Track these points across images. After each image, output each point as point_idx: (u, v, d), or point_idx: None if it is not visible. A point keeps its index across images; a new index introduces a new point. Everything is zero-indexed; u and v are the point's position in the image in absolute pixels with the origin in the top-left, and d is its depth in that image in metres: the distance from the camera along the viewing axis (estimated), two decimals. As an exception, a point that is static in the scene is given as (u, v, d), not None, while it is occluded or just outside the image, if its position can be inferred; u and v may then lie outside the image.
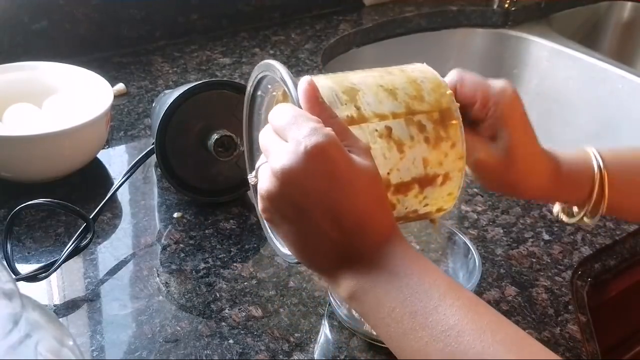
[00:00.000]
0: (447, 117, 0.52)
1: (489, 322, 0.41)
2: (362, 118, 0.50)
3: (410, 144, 0.50)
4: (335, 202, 0.43)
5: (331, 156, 0.43)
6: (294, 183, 0.43)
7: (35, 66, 0.86)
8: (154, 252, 0.71)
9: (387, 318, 0.43)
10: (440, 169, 0.52)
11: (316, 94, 0.46)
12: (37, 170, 0.77)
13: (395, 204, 0.51)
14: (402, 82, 0.53)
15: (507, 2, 1.39)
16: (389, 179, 0.50)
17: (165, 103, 0.75)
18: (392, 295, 0.43)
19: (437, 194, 0.53)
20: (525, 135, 0.57)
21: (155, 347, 0.60)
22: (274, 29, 1.26)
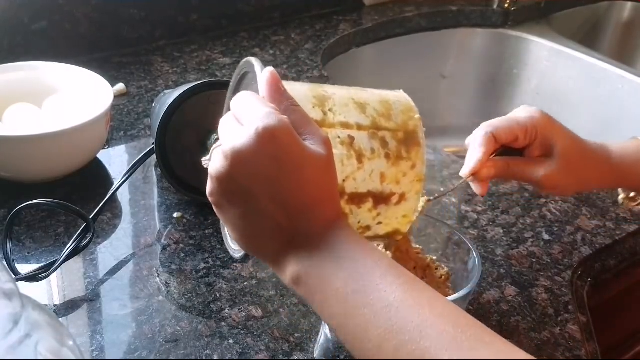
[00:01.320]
0: (412, 139, 0.53)
1: (428, 298, 0.43)
2: (326, 123, 0.50)
3: (370, 156, 0.51)
4: (282, 186, 0.44)
5: (282, 140, 0.44)
6: (243, 163, 0.44)
7: (35, 66, 0.86)
8: (154, 252, 0.71)
9: (331, 299, 0.44)
10: (397, 187, 0.53)
11: (277, 83, 0.47)
12: (37, 170, 0.77)
13: (348, 214, 0.52)
14: (374, 100, 0.54)
15: (507, 2, 1.39)
16: (344, 186, 0.51)
17: (165, 103, 0.75)
18: (335, 276, 0.44)
19: (392, 213, 0.54)
20: (569, 141, 0.65)
21: (155, 347, 0.60)
22: (274, 29, 1.26)
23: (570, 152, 0.65)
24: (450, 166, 0.91)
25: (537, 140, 0.64)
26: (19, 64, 0.85)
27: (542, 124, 0.64)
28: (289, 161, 0.44)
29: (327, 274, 0.44)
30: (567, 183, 0.66)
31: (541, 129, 0.64)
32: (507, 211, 0.82)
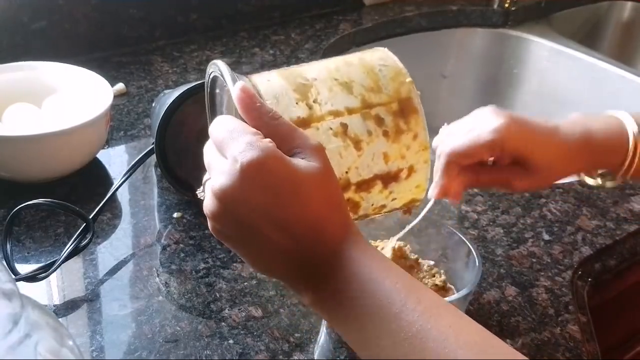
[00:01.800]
0: (407, 107, 0.50)
1: (451, 324, 0.40)
2: (314, 117, 0.48)
3: (368, 139, 0.49)
4: (281, 212, 0.42)
5: (270, 169, 0.42)
6: (236, 201, 0.43)
7: (35, 66, 0.86)
8: (154, 252, 0.71)
9: (349, 325, 0.43)
10: (403, 162, 0.50)
11: (253, 100, 0.44)
12: (37, 170, 0.77)
13: (359, 202, 0.50)
14: (359, 73, 0.50)
15: (507, 2, 1.39)
16: (348, 177, 0.49)
17: (165, 103, 0.75)
18: (352, 304, 0.42)
19: (404, 187, 0.51)
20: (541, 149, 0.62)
21: (155, 347, 0.60)
22: (273, 28, 1.26)
23: (545, 159, 0.62)
24: (451, 166, 0.91)
25: (505, 154, 0.62)
26: (19, 63, 0.85)
27: (509, 138, 0.61)
28: (282, 187, 0.42)
29: (343, 301, 0.43)
30: (543, 181, 0.65)
31: (508, 144, 0.61)
32: (507, 211, 0.82)
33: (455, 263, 0.65)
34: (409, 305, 0.41)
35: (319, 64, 0.52)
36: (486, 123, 0.61)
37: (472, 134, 0.61)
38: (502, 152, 0.61)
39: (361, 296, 0.42)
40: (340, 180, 0.48)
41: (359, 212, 0.52)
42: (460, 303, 0.61)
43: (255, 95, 0.45)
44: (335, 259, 0.43)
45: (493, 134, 0.60)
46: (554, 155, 0.63)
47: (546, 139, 0.63)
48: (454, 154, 0.61)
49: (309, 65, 0.52)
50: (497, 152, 0.61)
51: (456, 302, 0.59)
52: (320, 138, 0.47)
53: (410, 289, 0.42)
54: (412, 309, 0.40)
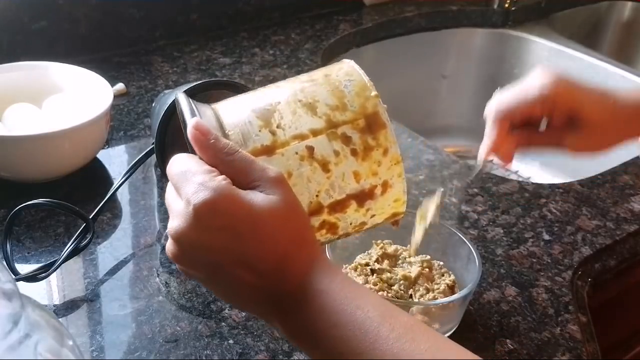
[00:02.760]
0: (375, 122, 0.48)
1: (427, 348, 0.40)
2: (279, 143, 0.47)
3: (336, 160, 0.48)
4: (241, 250, 0.42)
5: (223, 209, 0.41)
6: (193, 243, 0.43)
7: (35, 66, 0.86)
8: (154, 252, 0.71)
9: (326, 355, 0.42)
10: (376, 179, 0.49)
11: (207, 137, 0.44)
12: (37, 170, 0.77)
13: (336, 222, 0.49)
14: (324, 92, 0.49)
15: (507, 2, 1.39)
16: (319, 201, 0.48)
17: (165, 103, 0.75)
18: (325, 335, 0.42)
19: (381, 203, 0.50)
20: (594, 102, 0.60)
21: (155, 348, 0.60)
22: (273, 28, 1.26)
23: (598, 116, 0.61)
24: (450, 166, 0.91)
25: (557, 111, 0.60)
26: (19, 63, 0.85)
27: (559, 93, 0.60)
28: (238, 226, 0.42)
29: (316, 334, 0.42)
30: (599, 144, 0.63)
31: (559, 99, 0.60)
32: (507, 211, 0.82)
33: (455, 263, 0.65)
34: (383, 334, 0.40)
35: (286, 83, 0.51)
36: (535, 81, 0.61)
37: (521, 91, 0.61)
38: (553, 107, 0.60)
39: (333, 328, 0.41)
40: (311, 204, 0.48)
41: (339, 232, 0.51)
42: (460, 303, 0.61)
43: (209, 132, 0.44)
44: (303, 293, 0.43)
45: (542, 89, 0.60)
46: (609, 114, 0.61)
47: (600, 97, 0.62)
48: (502, 110, 0.60)
49: (276, 86, 0.52)
50: (548, 108, 0.60)
51: (456, 302, 0.59)
52: (286, 164, 0.47)
53: (383, 316, 0.41)
54: (385, 336, 0.40)
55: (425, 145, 0.96)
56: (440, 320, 0.60)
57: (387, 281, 0.62)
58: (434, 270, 0.65)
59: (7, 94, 0.82)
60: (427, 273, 0.63)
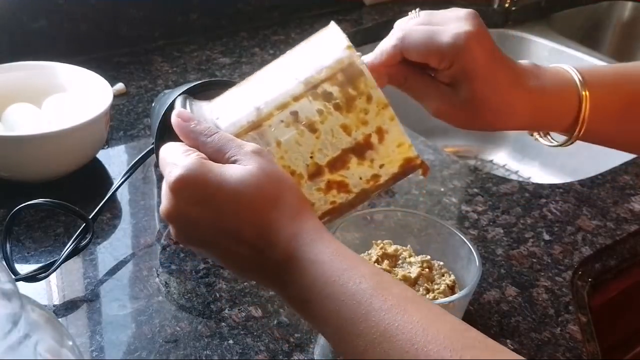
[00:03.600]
0: (352, 72, 0.48)
1: (420, 319, 0.40)
2: (263, 117, 0.49)
3: (321, 118, 0.48)
4: (224, 222, 0.43)
5: (194, 184, 0.43)
6: (179, 221, 0.45)
7: (34, 66, 0.86)
8: (154, 252, 0.71)
9: (323, 327, 0.43)
10: (367, 127, 0.49)
11: (188, 123, 0.47)
12: (36, 170, 0.77)
13: (344, 180, 0.50)
14: (303, 58, 0.51)
15: (507, 2, 1.39)
16: (316, 161, 0.49)
17: (164, 103, 0.75)
18: (320, 307, 0.42)
19: (384, 151, 0.50)
20: (488, 85, 0.53)
21: (155, 348, 0.60)
22: (273, 28, 1.26)
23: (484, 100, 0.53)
24: (450, 166, 0.91)
25: (450, 71, 0.53)
26: (19, 63, 0.85)
27: (464, 59, 0.52)
28: (212, 199, 0.43)
29: (312, 305, 0.43)
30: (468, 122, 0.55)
31: (460, 64, 0.52)
32: (508, 211, 0.82)
33: (455, 263, 0.65)
34: (376, 305, 0.40)
35: (274, 62, 0.53)
36: (454, 23, 0.53)
37: (434, 29, 0.53)
38: (450, 64, 0.52)
39: (326, 299, 0.42)
40: (308, 167, 0.49)
41: (352, 189, 0.51)
42: (460, 303, 0.61)
43: (190, 119, 0.48)
44: (295, 263, 0.43)
45: (453, 38, 0.51)
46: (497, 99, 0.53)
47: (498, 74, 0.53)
48: (404, 40, 0.53)
49: (265, 68, 0.53)
50: (445, 64, 0.52)
51: (456, 302, 0.59)
52: (274, 134, 0.48)
53: (375, 287, 0.41)
54: (378, 307, 0.40)
55: (425, 145, 0.96)
56: (441, 320, 0.60)
57: None
58: (434, 270, 0.64)
59: (7, 94, 0.82)
60: (427, 273, 0.63)
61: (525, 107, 0.55)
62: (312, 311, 0.43)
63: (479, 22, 0.53)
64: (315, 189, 0.50)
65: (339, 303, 0.41)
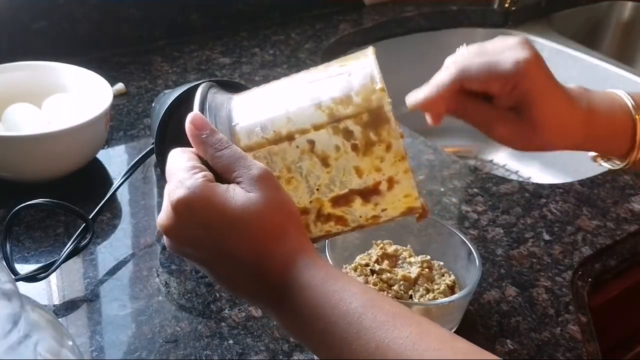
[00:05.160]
0: (378, 117, 0.47)
1: (409, 334, 0.40)
2: (280, 137, 0.48)
3: (336, 155, 0.48)
4: (222, 245, 0.44)
5: (197, 207, 0.43)
6: (178, 238, 0.46)
7: (35, 66, 0.86)
8: (154, 252, 0.71)
9: (316, 349, 0.44)
10: (379, 175, 0.48)
11: (200, 132, 0.46)
12: (36, 170, 0.77)
13: (343, 215, 0.50)
14: (332, 84, 0.49)
15: (507, 2, 1.39)
16: (319, 197, 0.48)
17: (164, 103, 0.75)
18: (313, 329, 0.43)
19: (390, 199, 0.50)
20: (549, 106, 0.55)
21: (155, 348, 0.60)
22: (273, 28, 1.26)
23: (546, 121, 0.55)
24: (451, 166, 0.91)
25: (512, 95, 0.54)
26: (19, 63, 0.85)
27: (526, 82, 0.54)
28: (213, 224, 0.44)
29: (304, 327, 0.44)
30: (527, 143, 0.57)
31: (522, 87, 0.54)
32: (508, 211, 0.82)
33: (455, 263, 0.65)
34: (365, 324, 0.41)
35: (302, 74, 0.52)
36: (510, 51, 0.55)
37: (491, 59, 0.55)
38: (513, 88, 0.54)
39: (318, 321, 0.42)
40: (311, 197, 0.49)
41: (350, 224, 0.51)
42: (460, 303, 0.61)
43: (204, 127, 0.47)
44: (288, 288, 0.44)
45: (514, 65, 0.54)
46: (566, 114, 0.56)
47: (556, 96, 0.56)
48: (463, 72, 0.55)
49: (291, 78, 0.52)
50: (509, 88, 0.54)
51: (456, 302, 0.59)
52: (287, 158, 0.48)
53: (365, 306, 0.42)
54: (368, 326, 0.41)
55: (425, 145, 0.96)
56: (440, 320, 0.60)
57: (387, 281, 0.62)
58: (434, 270, 0.64)
59: (7, 94, 0.82)
60: (427, 273, 0.63)
61: (579, 127, 0.57)
62: (306, 334, 0.44)
63: (533, 47, 0.55)
64: (313, 219, 0.50)
65: (331, 324, 0.42)
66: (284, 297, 0.44)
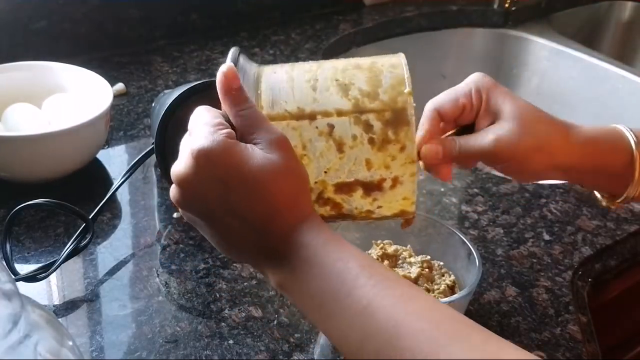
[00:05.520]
0: (400, 117, 0.49)
1: (401, 294, 0.42)
2: (303, 115, 0.49)
3: (352, 144, 0.49)
4: (234, 202, 0.44)
5: (218, 161, 0.44)
6: (191, 188, 0.46)
7: (35, 66, 0.86)
8: (154, 252, 0.71)
9: (309, 305, 0.45)
10: (387, 172, 0.50)
11: (230, 86, 0.47)
12: (36, 170, 0.77)
13: (341, 203, 0.51)
14: (362, 77, 0.51)
15: (507, 2, 1.39)
16: (326, 177, 0.50)
17: (164, 103, 0.75)
18: (309, 285, 0.44)
19: (389, 197, 0.51)
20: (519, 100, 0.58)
21: (155, 348, 0.60)
22: (273, 28, 1.26)
23: (523, 112, 0.57)
24: (451, 166, 0.91)
25: (483, 105, 0.58)
26: (19, 63, 0.85)
27: (485, 85, 0.59)
28: (230, 180, 0.44)
29: (301, 283, 0.45)
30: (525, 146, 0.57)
31: (485, 91, 0.58)
32: (508, 211, 0.82)
33: (455, 263, 0.65)
34: (360, 282, 0.42)
35: (334, 62, 0.53)
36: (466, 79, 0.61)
37: (451, 89, 0.60)
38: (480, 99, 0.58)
39: (315, 278, 0.44)
40: (317, 178, 0.50)
41: (343, 212, 0.52)
42: (461, 303, 0.61)
43: (234, 80, 0.47)
44: (288, 247, 0.45)
45: (469, 83, 0.59)
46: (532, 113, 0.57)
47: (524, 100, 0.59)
48: (435, 101, 0.59)
49: (321, 62, 0.53)
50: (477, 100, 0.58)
51: (456, 302, 0.59)
52: (304, 136, 0.49)
53: (362, 266, 0.43)
54: (362, 284, 0.42)
55: (425, 145, 0.96)
56: (441, 320, 0.60)
57: None
58: (434, 270, 0.64)
59: (7, 94, 0.82)
60: (427, 273, 0.63)
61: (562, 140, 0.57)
62: (300, 292, 0.45)
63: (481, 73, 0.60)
64: (313, 200, 0.51)
65: (326, 281, 0.43)
66: (284, 257, 0.45)
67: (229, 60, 0.50)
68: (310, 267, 0.44)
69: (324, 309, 0.43)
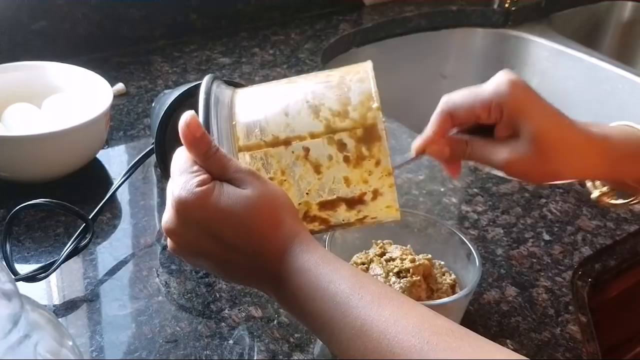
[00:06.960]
0: (371, 134, 0.50)
1: (392, 312, 0.43)
2: (278, 142, 0.50)
3: (328, 164, 0.50)
4: (226, 238, 0.47)
5: (195, 208, 0.46)
6: (181, 237, 0.48)
7: (34, 66, 0.86)
8: (154, 252, 0.71)
9: (312, 326, 0.47)
10: (366, 186, 0.51)
11: (193, 135, 0.48)
12: (36, 171, 0.77)
13: (327, 218, 0.52)
14: (332, 96, 0.51)
15: (507, 2, 1.39)
16: (308, 200, 0.51)
17: (164, 103, 0.75)
18: (307, 309, 0.46)
19: (372, 208, 0.52)
20: (546, 120, 0.55)
21: (155, 348, 0.60)
22: (273, 28, 1.26)
23: (545, 135, 0.54)
24: (451, 166, 0.91)
25: (503, 119, 0.55)
26: (19, 63, 0.85)
27: (510, 99, 0.54)
28: (212, 224, 0.46)
29: (298, 307, 0.47)
30: (541, 171, 0.56)
31: (509, 106, 0.54)
32: (508, 211, 0.82)
33: (455, 263, 0.65)
34: (352, 303, 0.44)
35: (304, 80, 0.54)
36: (493, 81, 0.55)
37: (473, 90, 0.56)
38: (501, 113, 0.54)
39: (311, 302, 0.46)
40: (301, 199, 0.51)
41: (332, 225, 0.53)
42: (461, 303, 0.61)
43: (197, 129, 0.48)
44: (283, 273, 0.47)
45: (494, 93, 0.54)
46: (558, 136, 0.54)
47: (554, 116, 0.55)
48: (451, 103, 0.56)
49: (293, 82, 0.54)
50: (495, 113, 0.55)
51: (456, 302, 0.59)
52: (281, 162, 0.50)
53: (353, 287, 0.45)
54: (355, 305, 0.44)
55: (425, 145, 0.95)
56: (441, 320, 0.60)
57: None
58: (435, 270, 0.64)
59: (7, 94, 0.82)
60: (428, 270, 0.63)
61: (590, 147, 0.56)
62: (302, 313, 0.47)
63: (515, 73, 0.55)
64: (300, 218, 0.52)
65: (322, 304, 0.45)
66: (281, 281, 0.47)
67: (203, 90, 0.51)
68: (306, 291, 0.46)
69: (326, 329, 0.45)
